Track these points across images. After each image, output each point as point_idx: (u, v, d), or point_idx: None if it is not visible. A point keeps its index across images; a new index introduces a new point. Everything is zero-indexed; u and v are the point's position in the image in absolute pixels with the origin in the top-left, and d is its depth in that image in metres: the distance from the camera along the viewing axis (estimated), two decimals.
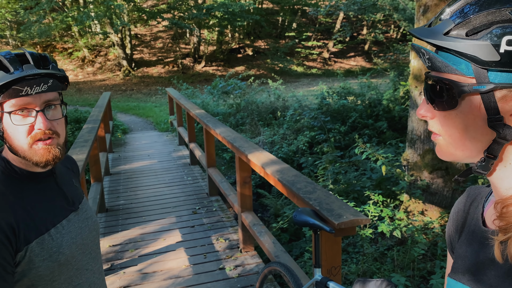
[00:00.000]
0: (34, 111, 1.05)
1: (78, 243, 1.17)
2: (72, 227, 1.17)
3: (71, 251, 1.14)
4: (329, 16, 24.40)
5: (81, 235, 1.19)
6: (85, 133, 4.33)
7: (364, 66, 23.89)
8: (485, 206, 0.75)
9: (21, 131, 1.06)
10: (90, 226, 1.25)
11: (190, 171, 6.53)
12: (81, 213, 1.23)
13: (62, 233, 1.13)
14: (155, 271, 3.57)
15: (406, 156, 4.38)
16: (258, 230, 3.40)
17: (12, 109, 1.04)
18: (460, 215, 0.81)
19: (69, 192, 1.22)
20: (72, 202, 1.21)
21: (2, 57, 1.04)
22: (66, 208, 1.18)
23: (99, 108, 6.53)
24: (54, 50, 22.66)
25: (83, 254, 1.19)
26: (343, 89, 9.68)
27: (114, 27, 18.89)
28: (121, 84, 20.31)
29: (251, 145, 3.50)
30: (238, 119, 9.74)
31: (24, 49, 1.09)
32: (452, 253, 0.83)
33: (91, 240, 1.24)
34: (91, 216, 1.28)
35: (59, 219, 1.14)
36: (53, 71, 1.07)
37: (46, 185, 1.15)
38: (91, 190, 4.60)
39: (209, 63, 22.98)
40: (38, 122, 1.06)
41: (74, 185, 1.28)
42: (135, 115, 13.72)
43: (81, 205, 1.25)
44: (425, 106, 0.68)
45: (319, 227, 2.02)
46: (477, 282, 0.68)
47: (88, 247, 1.22)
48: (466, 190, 0.85)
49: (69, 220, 1.17)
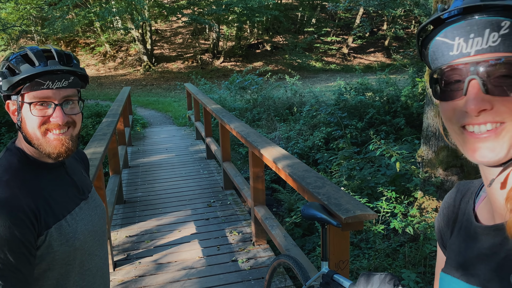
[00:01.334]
0: (52, 104, 1.11)
1: (90, 230, 1.24)
2: (84, 215, 1.23)
3: (84, 237, 1.20)
4: (349, 11, 24.12)
5: (92, 222, 1.26)
6: (104, 127, 4.45)
7: (383, 62, 23.58)
8: (476, 202, 0.76)
9: (37, 122, 1.11)
10: (99, 214, 1.31)
11: (206, 165, 6.63)
12: (91, 202, 1.29)
13: (76, 219, 1.19)
14: (170, 262, 3.67)
15: (421, 152, 4.35)
16: (270, 224, 3.46)
17: (32, 100, 1.10)
18: (450, 210, 0.82)
19: (79, 182, 1.28)
20: (82, 191, 1.27)
21: (29, 51, 1.11)
22: (78, 197, 1.24)
23: (118, 103, 6.66)
24: (76, 45, 23.13)
25: (94, 240, 1.26)
26: (361, 85, 9.61)
27: (135, 23, 19.14)
28: (142, 79, 20.59)
29: (264, 140, 3.55)
30: (255, 115, 9.79)
31: (51, 46, 1.15)
32: (444, 248, 0.84)
33: (99, 227, 1.30)
34: (100, 204, 1.34)
35: (73, 206, 1.20)
36: (75, 69, 1.14)
37: (58, 175, 1.21)
38: (109, 182, 4.73)
39: (228, 59, 23.06)
40: (56, 116, 1.11)
41: (83, 175, 1.34)
42: (155, 109, 13.92)
43: (91, 194, 1.32)
44: (479, 98, 0.59)
45: (327, 221, 2.06)
46: (470, 276, 0.69)
47: (98, 233, 1.28)
48: (455, 185, 0.85)
49: (81, 208, 1.23)
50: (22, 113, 1.12)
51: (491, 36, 0.56)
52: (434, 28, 0.64)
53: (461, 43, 0.59)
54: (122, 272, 3.52)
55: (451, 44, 0.60)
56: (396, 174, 4.89)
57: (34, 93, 1.09)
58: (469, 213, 0.75)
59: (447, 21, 0.62)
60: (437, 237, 0.87)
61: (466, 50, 0.58)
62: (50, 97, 1.10)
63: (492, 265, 0.65)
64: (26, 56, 1.11)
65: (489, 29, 0.56)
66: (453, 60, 0.61)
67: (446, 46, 0.61)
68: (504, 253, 0.64)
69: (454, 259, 0.74)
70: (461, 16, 0.60)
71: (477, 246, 0.69)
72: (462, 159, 4.01)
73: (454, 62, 0.61)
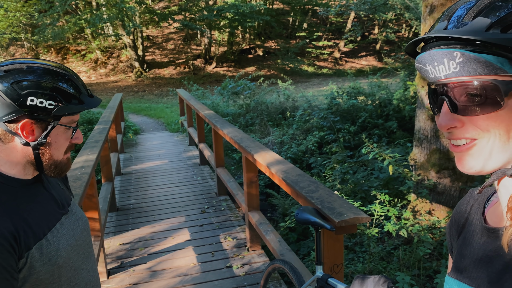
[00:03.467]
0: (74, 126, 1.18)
1: (73, 245, 1.20)
2: (66, 230, 1.19)
3: (67, 253, 1.16)
4: (340, 16, 24.32)
5: (74, 237, 1.22)
6: (96, 134, 4.42)
7: (375, 65, 23.76)
8: (486, 206, 0.77)
9: (67, 144, 1.16)
10: (81, 227, 1.27)
11: (200, 171, 6.61)
12: (71, 215, 1.25)
13: (58, 236, 1.15)
14: (164, 269, 3.64)
15: (413, 155, 4.38)
16: (264, 229, 3.45)
17: (68, 124, 1.14)
18: (461, 216, 0.83)
19: (58, 196, 1.24)
20: (62, 205, 1.23)
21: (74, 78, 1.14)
22: (58, 212, 1.20)
23: (110, 109, 6.63)
24: (67, 52, 23.04)
25: (78, 254, 1.22)
26: (353, 89, 9.66)
27: (126, 29, 19.12)
28: (133, 86, 20.55)
29: (258, 145, 3.55)
30: (248, 120, 9.80)
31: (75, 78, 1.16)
32: (452, 253, 0.84)
33: (83, 240, 1.26)
34: (81, 216, 1.30)
35: (53, 223, 1.16)
36: (99, 101, 1.21)
37: (36, 191, 1.16)
38: (102, 190, 4.69)
39: (220, 64, 23.10)
40: (79, 136, 1.19)
41: (61, 188, 1.30)
42: (147, 116, 13.88)
43: (70, 207, 1.28)
44: (447, 116, 0.64)
45: (320, 225, 2.06)
46: (473, 278, 0.69)
47: (81, 247, 1.25)
48: (468, 192, 0.86)
49: (62, 223, 1.19)
50: (51, 135, 1.11)
51: (451, 63, 0.61)
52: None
53: (431, 68, 0.65)
54: (116, 280, 3.49)
55: (426, 69, 0.66)
56: (389, 177, 4.91)
57: (73, 117, 1.15)
58: (478, 217, 0.76)
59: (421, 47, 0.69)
60: (447, 242, 0.88)
61: (438, 74, 0.64)
62: (75, 121, 1.18)
63: (496, 267, 0.66)
64: (74, 80, 1.14)
65: (446, 59, 0.62)
66: (431, 81, 0.67)
67: (423, 70, 0.67)
68: (509, 256, 0.64)
69: (460, 262, 0.74)
70: (424, 46, 0.67)
71: (482, 248, 0.70)
72: (454, 161, 4.04)
73: (432, 83, 0.67)
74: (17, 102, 1.02)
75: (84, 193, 2.60)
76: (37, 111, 1.05)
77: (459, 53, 0.60)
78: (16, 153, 1.09)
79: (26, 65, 1.07)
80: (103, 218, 3.81)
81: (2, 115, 1.03)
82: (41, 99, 1.04)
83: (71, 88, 1.10)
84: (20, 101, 1.02)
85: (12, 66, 1.06)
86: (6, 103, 1.02)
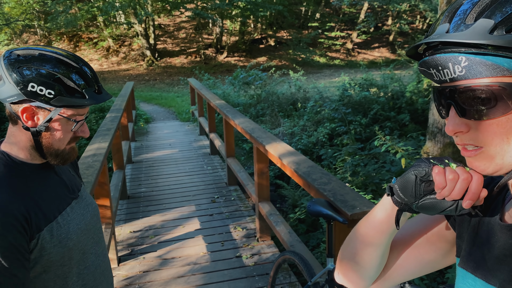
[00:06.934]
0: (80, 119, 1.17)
1: (83, 229, 1.23)
2: (76, 214, 1.22)
3: (77, 236, 1.19)
4: (353, 6, 24.01)
5: (84, 221, 1.25)
6: (108, 122, 4.44)
7: (388, 57, 23.47)
8: (506, 199, 0.74)
9: (70, 136, 1.16)
10: (91, 212, 1.30)
11: (210, 161, 6.62)
12: (81, 200, 1.28)
13: (68, 220, 1.18)
14: (174, 257, 3.67)
15: (427, 149, 4.33)
16: (274, 220, 3.45)
17: (71, 116, 1.14)
18: None
19: (68, 181, 1.27)
20: (73, 190, 1.27)
21: (82, 70, 1.13)
22: (68, 196, 1.23)
23: (122, 98, 6.66)
24: (79, 40, 23.13)
25: (87, 239, 1.25)
26: (366, 81, 9.55)
27: (138, 17, 19.10)
28: (145, 74, 20.59)
29: (269, 136, 3.53)
30: (259, 110, 9.76)
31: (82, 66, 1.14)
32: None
33: (93, 225, 1.29)
34: (91, 202, 1.33)
35: (64, 206, 1.19)
36: (106, 98, 1.19)
37: (47, 175, 1.20)
38: (113, 178, 4.73)
39: (231, 54, 23.00)
40: (85, 130, 1.20)
41: (72, 174, 1.33)
42: (158, 105, 13.91)
43: (81, 192, 1.31)
44: (455, 121, 0.63)
45: (333, 218, 2.04)
46: (489, 276, 0.68)
47: (91, 232, 1.28)
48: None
49: (72, 208, 1.23)
50: (52, 124, 1.12)
51: (456, 67, 0.59)
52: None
53: (435, 72, 0.63)
54: (127, 267, 3.52)
55: (430, 73, 0.64)
56: (401, 171, 4.86)
57: (78, 110, 1.15)
58: (496, 210, 0.74)
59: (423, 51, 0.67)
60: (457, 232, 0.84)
61: (443, 78, 0.62)
62: (81, 114, 1.17)
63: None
64: (82, 73, 1.13)
65: (451, 63, 0.60)
66: (437, 84, 0.65)
67: (427, 74, 0.65)
68: None
69: (473, 254, 0.73)
70: (426, 49, 0.65)
71: (497, 245, 0.69)
72: None
73: (438, 87, 0.65)
74: (19, 86, 1.06)
75: (96, 180, 2.62)
76: (37, 98, 1.08)
77: (464, 57, 0.58)
78: (21, 136, 1.13)
79: (39, 52, 1.09)
80: (114, 206, 3.84)
81: (7, 96, 1.08)
82: (41, 86, 1.07)
83: (77, 81, 1.10)
84: (22, 86, 1.06)
85: (25, 51, 1.09)
86: (10, 85, 1.06)
